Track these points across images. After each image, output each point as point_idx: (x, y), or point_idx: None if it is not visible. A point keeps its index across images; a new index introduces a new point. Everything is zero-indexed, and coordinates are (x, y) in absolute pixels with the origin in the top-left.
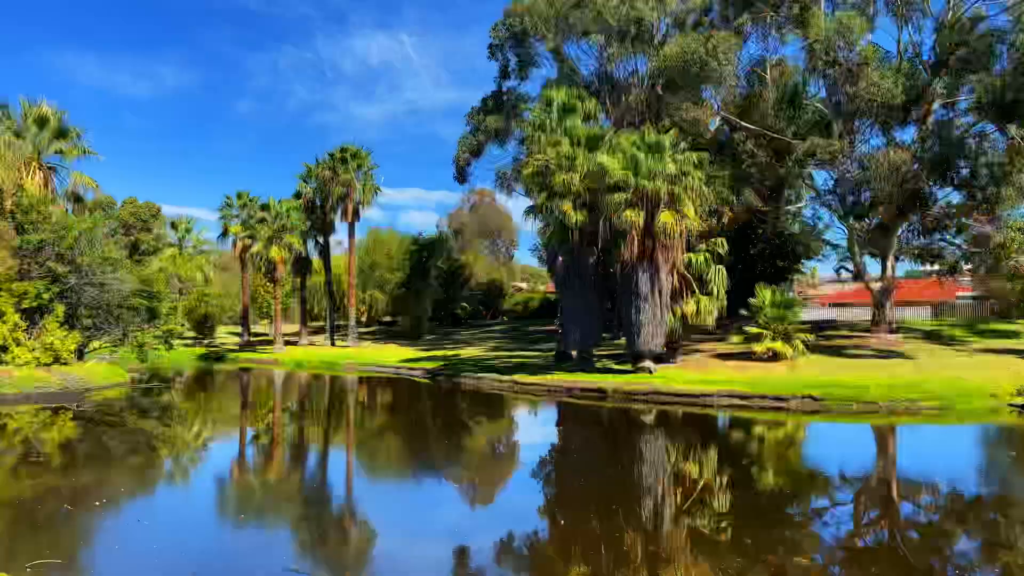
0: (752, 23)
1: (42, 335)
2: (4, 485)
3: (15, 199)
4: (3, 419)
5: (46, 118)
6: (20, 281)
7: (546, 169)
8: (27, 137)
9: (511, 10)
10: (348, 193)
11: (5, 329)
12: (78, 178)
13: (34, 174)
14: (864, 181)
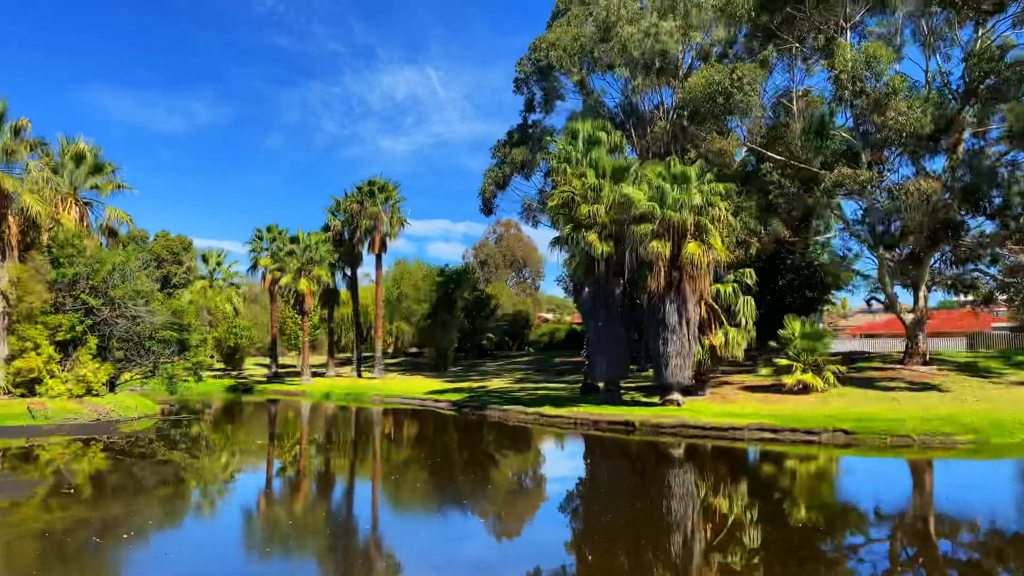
0: (777, 54)
1: (75, 367)
2: (35, 516)
3: (51, 233)
4: (36, 450)
5: (83, 154)
6: (55, 314)
7: (571, 200)
8: (64, 173)
9: (536, 45)
10: (376, 225)
11: (40, 361)
12: (112, 212)
13: (70, 209)
14: (894, 211)
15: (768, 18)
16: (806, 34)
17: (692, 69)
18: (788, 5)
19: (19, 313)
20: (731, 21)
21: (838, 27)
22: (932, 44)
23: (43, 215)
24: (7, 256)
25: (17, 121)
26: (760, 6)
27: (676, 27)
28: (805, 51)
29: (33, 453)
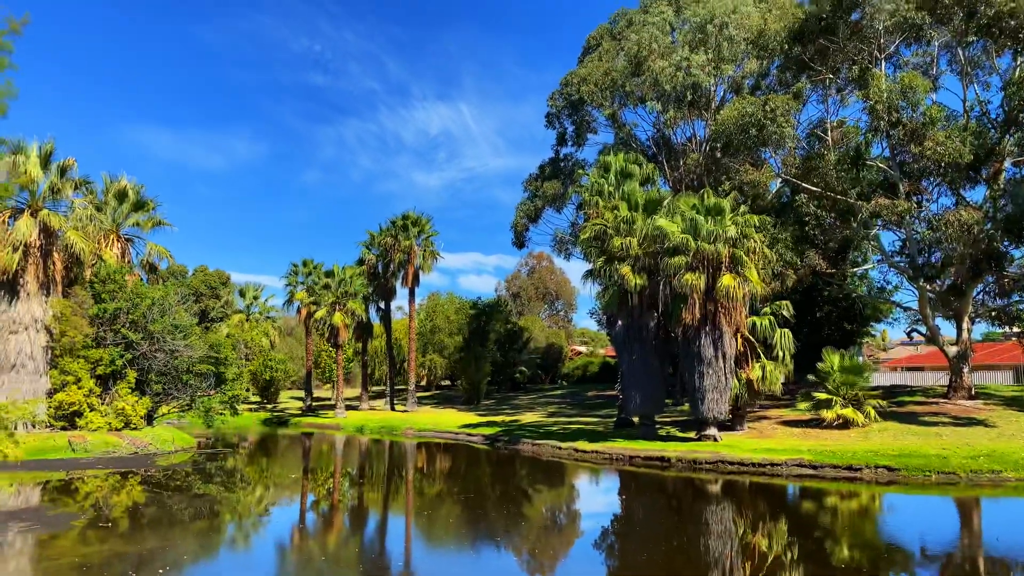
0: (811, 86)
1: (114, 400)
2: (72, 549)
3: (94, 269)
4: (75, 483)
5: (125, 192)
6: (96, 348)
7: (604, 233)
8: (107, 210)
9: (568, 80)
10: (409, 259)
11: (80, 395)
12: (153, 248)
13: (112, 245)
14: (934, 242)
15: (801, 50)
16: (840, 65)
17: (724, 101)
18: (821, 37)
19: (62, 347)
20: (763, 53)
21: (872, 58)
22: (969, 73)
23: (86, 251)
24: (52, 291)
25: (64, 160)
26: (792, 38)
27: (707, 60)
28: (839, 82)
29: (72, 486)
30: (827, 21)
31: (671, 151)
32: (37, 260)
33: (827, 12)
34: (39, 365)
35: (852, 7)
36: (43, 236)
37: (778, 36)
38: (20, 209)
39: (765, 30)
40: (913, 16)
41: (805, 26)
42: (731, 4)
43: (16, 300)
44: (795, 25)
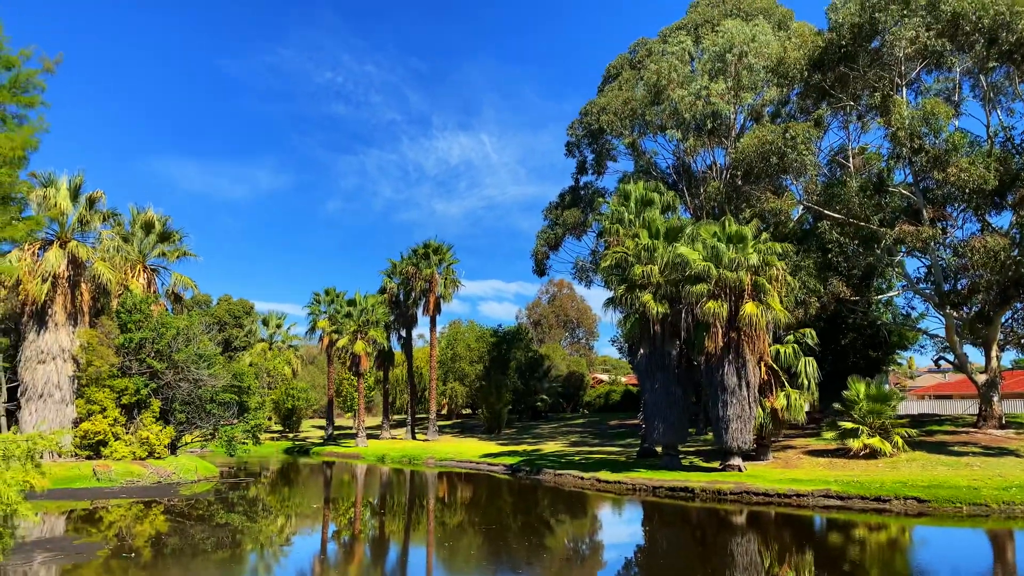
0: (831, 113)
1: (139, 429)
2: None
3: (121, 299)
4: (99, 512)
5: (152, 223)
6: (121, 377)
7: (625, 261)
8: (134, 241)
9: (587, 109)
10: (430, 287)
11: (106, 424)
12: (178, 278)
13: (139, 276)
14: (960, 268)
15: (820, 77)
16: (860, 92)
17: (744, 129)
18: (841, 64)
19: (88, 376)
20: (783, 81)
21: (893, 84)
22: (992, 99)
23: (113, 282)
24: (79, 321)
25: (92, 193)
26: (812, 66)
27: (727, 88)
28: (860, 108)
29: (96, 515)
30: (847, 49)
31: (691, 179)
32: (65, 291)
33: (847, 40)
34: (65, 394)
35: (872, 35)
36: (71, 267)
37: (798, 64)
38: (50, 241)
39: (785, 58)
40: (933, 43)
41: (825, 54)
42: (750, 33)
43: (44, 330)
44: (815, 53)
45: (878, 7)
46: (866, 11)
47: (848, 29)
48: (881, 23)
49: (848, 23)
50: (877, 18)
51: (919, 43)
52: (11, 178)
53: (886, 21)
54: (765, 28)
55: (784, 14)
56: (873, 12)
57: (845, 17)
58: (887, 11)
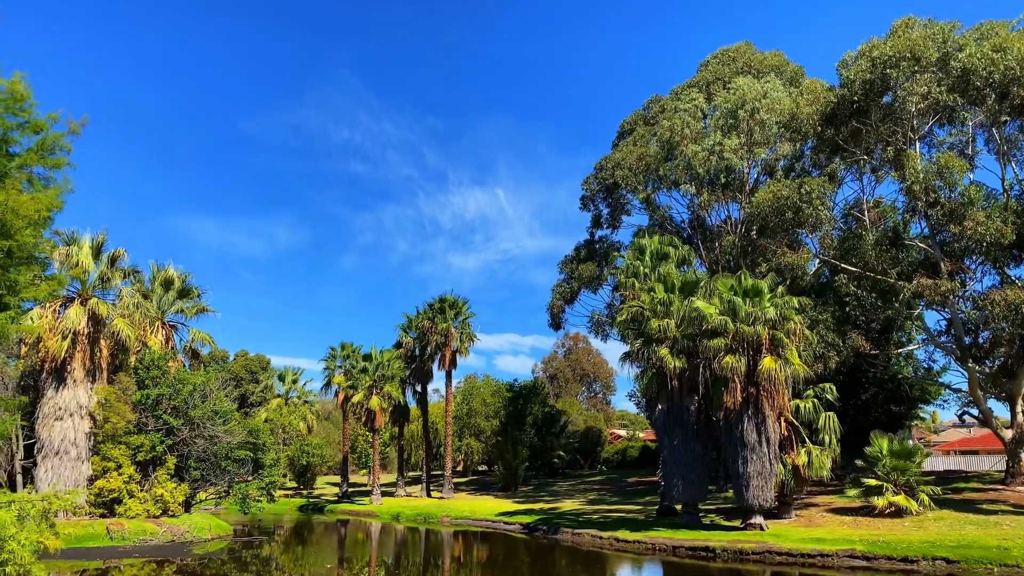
0: (845, 167)
1: (153, 487)
2: None
3: (139, 355)
4: (111, 572)
5: (171, 280)
6: (137, 434)
7: (641, 315)
8: (153, 298)
9: (602, 164)
10: (446, 341)
11: (120, 481)
12: (196, 334)
13: (157, 332)
14: (981, 321)
15: (833, 132)
16: (873, 146)
17: (758, 183)
18: (853, 119)
19: (104, 433)
20: (795, 136)
21: (906, 138)
22: (1006, 152)
23: (132, 338)
24: (97, 378)
25: (114, 251)
26: (825, 121)
27: (740, 144)
28: (873, 162)
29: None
30: (859, 104)
31: (706, 233)
32: (85, 347)
33: (859, 96)
34: (81, 451)
35: (883, 91)
36: (91, 324)
37: (810, 119)
38: (71, 298)
39: (797, 113)
40: (945, 98)
41: (837, 109)
42: (761, 89)
43: (63, 387)
44: (827, 108)
45: (889, 64)
46: (877, 68)
47: (860, 85)
48: (892, 79)
49: (859, 79)
50: (888, 74)
51: (931, 98)
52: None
53: (897, 77)
54: (776, 85)
55: (795, 71)
56: (884, 69)
57: (856, 74)
58: (898, 67)
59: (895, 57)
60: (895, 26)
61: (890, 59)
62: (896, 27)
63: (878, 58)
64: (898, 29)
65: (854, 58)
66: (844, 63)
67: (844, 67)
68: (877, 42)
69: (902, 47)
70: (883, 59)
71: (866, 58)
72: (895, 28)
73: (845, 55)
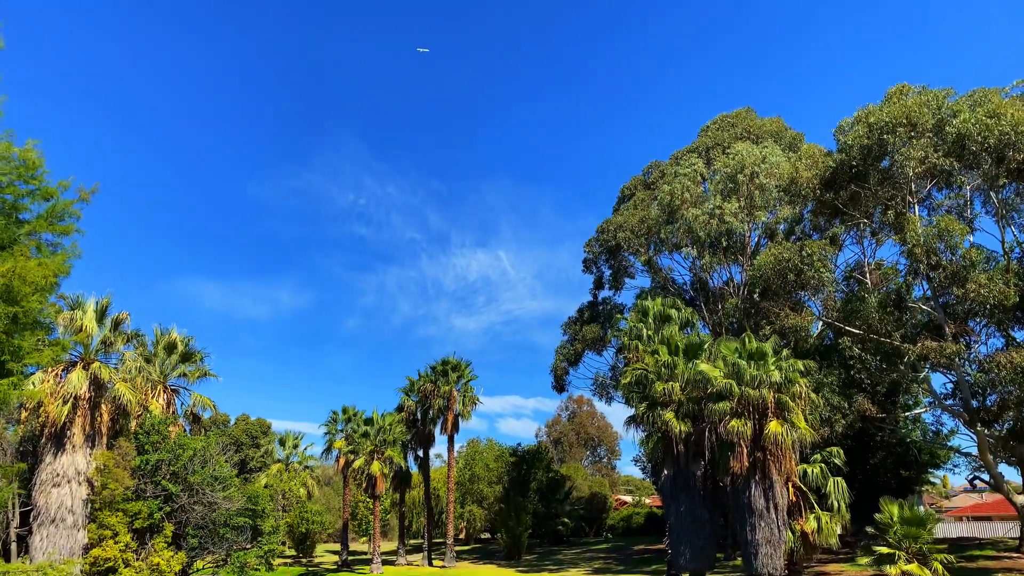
0: (845, 229)
1: (150, 555)
2: None
3: (140, 420)
4: None
5: (174, 344)
6: (135, 500)
7: (645, 378)
8: (156, 362)
9: (604, 227)
10: (449, 405)
11: (116, 550)
12: (198, 399)
13: (159, 396)
14: (988, 384)
15: (833, 196)
16: (873, 209)
17: (760, 246)
18: (852, 183)
19: (102, 500)
20: (795, 200)
21: (905, 202)
22: (1005, 215)
23: (133, 403)
24: (97, 443)
25: (118, 315)
26: (824, 185)
27: (740, 207)
28: (873, 225)
29: None
30: (857, 169)
31: (709, 295)
32: (85, 412)
33: (857, 161)
34: (78, 519)
35: (881, 156)
36: (93, 388)
37: (809, 183)
38: (73, 362)
39: (796, 178)
40: (942, 163)
41: (836, 173)
42: (760, 154)
43: (61, 452)
44: (826, 173)
45: (885, 129)
46: (874, 133)
47: (857, 150)
48: (889, 144)
49: (857, 145)
50: (885, 139)
51: (928, 163)
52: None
53: (894, 142)
54: (775, 150)
55: (794, 137)
56: (881, 134)
57: (854, 139)
58: (894, 133)
59: (891, 123)
60: (890, 93)
61: (886, 125)
62: (891, 94)
63: (875, 124)
64: (893, 96)
65: (851, 124)
66: (841, 129)
67: (841, 132)
68: (873, 108)
69: (898, 113)
70: (879, 125)
71: (863, 124)
72: (890, 95)
73: (842, 121)
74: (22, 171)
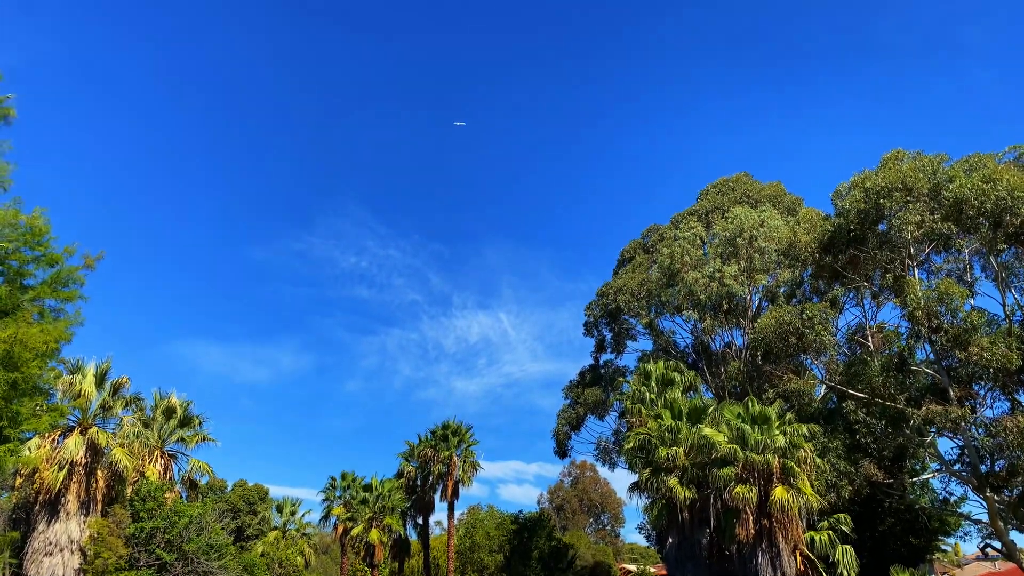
0: (845, 292)
1: None
2: None
3: (136, 487)
4: None
5: (173, 409)
6: (128, 570)
7: (648, 443)
8: (154, 427)
9: (604, 290)
10: (449, 471)
11: None
12: (195, 464)
13: (156, 461)
14: (995, 449)
15: (832, 259)
16: (872, 272)
17: (760, 309)
18: (851, 247)
19: (94, 569)
20: (795, 263)
21: (904, 265)
22: (1005, 279)
23: (130, 469)
24: (91, 510)
25: (117, 379)
26: (823, 249)
27: (740, 270)
28: (873, 288)
29: None
30: (855, 233)
31: (711, 358)
32: (81, 478)
33: (854, 224)
34: None
35: (878, 220)
36: (90, 454)
37: (808, 247)
38: (71, 427)
39: (795, 242)
40: (940, 227)
41: (834, 237)
42: (758, 218)
43: (55, 520)
44: (824, 237)
45: (882, 194)
46: (871, 198)
47: (855, 214)
48: (886, 208)
49: (854, 209)
50: (882, 204)
51: (925, 226)
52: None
53: (890, 206)
54: (773, 214)
55: (793, 201)
56: (877, 199)
57: (851, 204)
58: (891, 197)
59: (887, 188)
60: (885, 159)
61: (883, 189)
62: (886, 159)
63: (871, 189)
64: (888, 161)
65: (848, 189)
66: (838, 193)
67: (839, 197)
68: (869, 173)
69: (893, 178)
70: (876, 190)
71: (859, 189)
72: (885, 160)
73: (839, 186)
74: (28, 238)
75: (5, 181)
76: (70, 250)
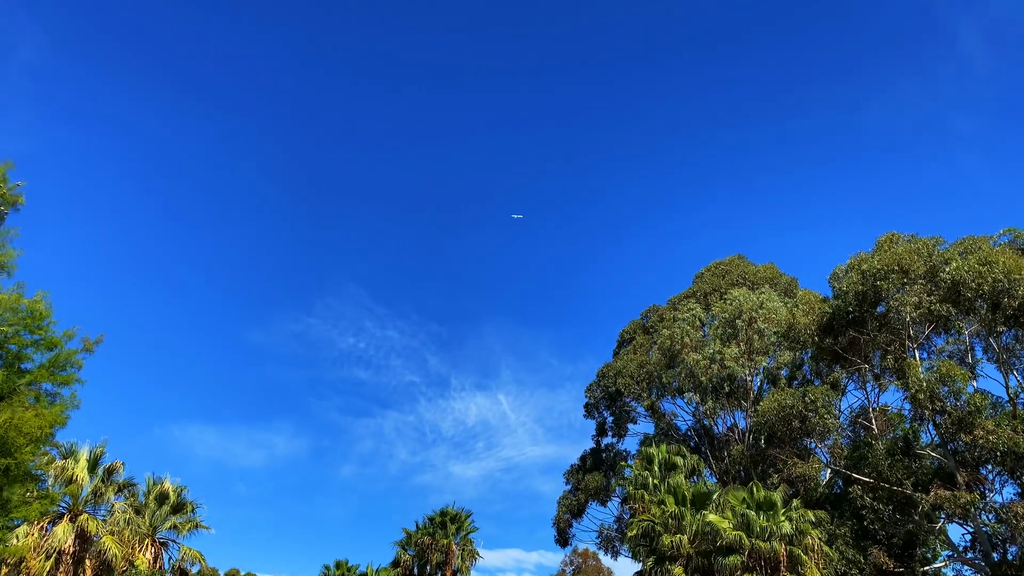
0: (846, 375)
1: None
2: None
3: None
4: None
5: (166, 495)
6: None
7: (652, 530)
8: (146, 513)
9: (604, 372)
10: (447, 560)
11: None
12: (187, 552)
13: (146, 550)
14: (1007, 536)
15: (832, 341)
16: (872, 354)
17: (762, 391)
18: (850, 329)
19: None
20: (795, 345)
21: (904, 346)
22: (1006, 361)
23: (119, 558)
24: None
25: (111, 464)
26: (822, 331)
27: (740, 352)
28: (875, 370)
29: None
30: (854, 315)
31: (713, 441)
32: (68, 567)
33: (853, 306)
34: None
35: (876, 301)
36: (78, 542)
37: (807, 329)
38: (61, 514)
39: (794, 324)
40: (938, 308)
41: (833, 319)
42: (757, 300)
43: None
44: (823, 319)
45: (879, 276)
46: (868, 280)
47: (853, 296)
48: (884, 290)
49: (852, 291)
50: (879, 286)
51: (923, 308)
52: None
53: (888, 288)
54: (772, 295)
55: (789, 282)
56: (875, 281)
57: (848, 286)
58: (888, 279)
59: (884, 270)
60: (880, 241)
61: (879, 271)
62: (881, 242)
63: (868, 271)
64: (883, 244)
65: (844, 271)
66: (835, 275)
67: (836, 279)
68: (865, 256)
69: (889, 261)
70: (872, 272)
71: (856, 271)
72: (880, 243)
73: (836, 268)
74: (28, 321)
75: (10, 266)
76: (70, 333)
